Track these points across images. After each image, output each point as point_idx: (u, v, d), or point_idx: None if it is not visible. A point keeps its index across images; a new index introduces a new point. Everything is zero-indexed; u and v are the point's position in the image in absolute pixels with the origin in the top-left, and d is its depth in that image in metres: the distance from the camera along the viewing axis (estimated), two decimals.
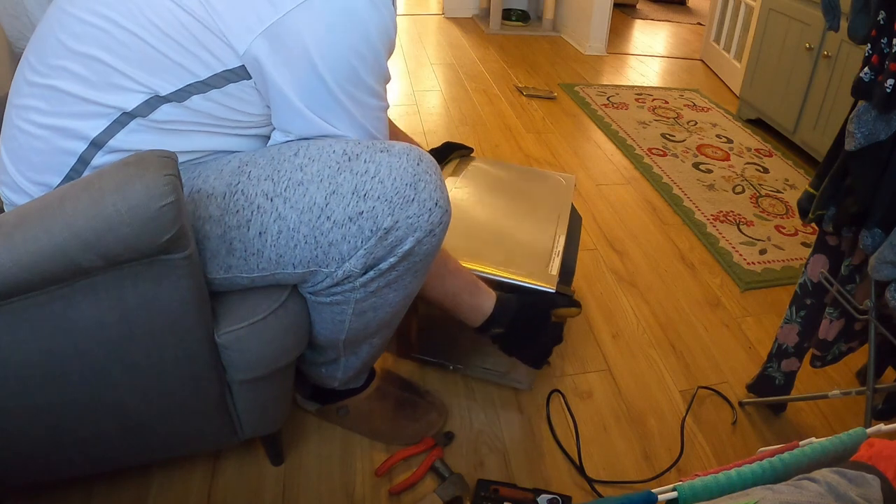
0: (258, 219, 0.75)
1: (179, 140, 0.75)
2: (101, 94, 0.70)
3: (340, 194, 0.75)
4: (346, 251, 0.77)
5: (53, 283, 0.64)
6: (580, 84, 3.06)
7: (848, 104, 0.95)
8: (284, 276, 0.80)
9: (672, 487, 0.59)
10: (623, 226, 1.86)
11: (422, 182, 0.77)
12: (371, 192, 0.75)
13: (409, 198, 0.76)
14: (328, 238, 0.76)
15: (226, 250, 0.77)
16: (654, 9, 4.90)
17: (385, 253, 0.78)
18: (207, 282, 0.78)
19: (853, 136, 0.88)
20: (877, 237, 0.89)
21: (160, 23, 0.68)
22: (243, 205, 0.75)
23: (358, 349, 0.97)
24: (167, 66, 0.70)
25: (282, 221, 0.75)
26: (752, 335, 1.45)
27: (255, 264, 0.78)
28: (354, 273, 0.79)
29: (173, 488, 1.02)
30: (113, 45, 0.69)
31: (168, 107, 0.72)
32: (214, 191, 0.76)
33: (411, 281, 0.86)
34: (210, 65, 0.71)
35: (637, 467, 1.11)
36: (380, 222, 0.76)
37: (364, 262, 0.78)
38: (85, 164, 0.72)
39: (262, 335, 0.82)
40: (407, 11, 4.45)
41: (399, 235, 0.77)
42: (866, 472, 0.54)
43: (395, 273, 0.82)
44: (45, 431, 0.79)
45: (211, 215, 0.75)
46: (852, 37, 0.89)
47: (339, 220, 0.75)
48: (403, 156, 0.77)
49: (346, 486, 1.04)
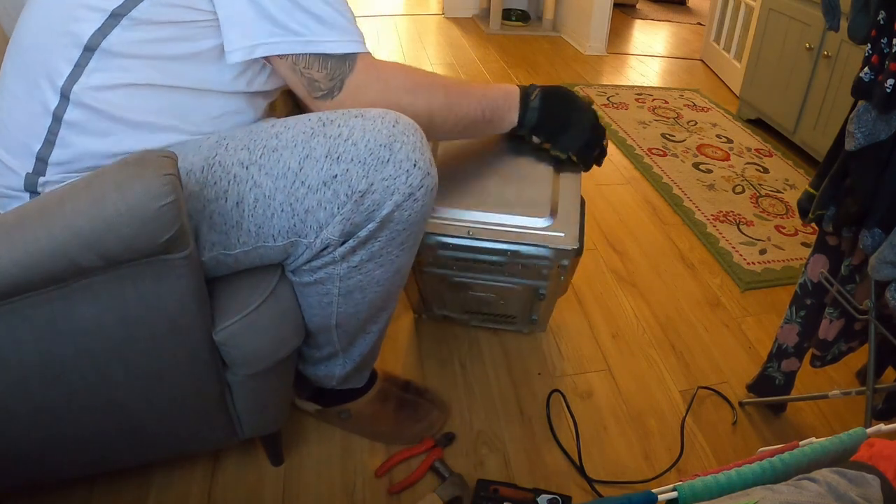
0: (234, 188, 0.74)
1: (143, 70, 0.74)
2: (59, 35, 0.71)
3: (314, 158, 0.74)
4: (322, 218, 0.75)
5: (53, 283, 0.64)
6: (580, 84, 3.06)
7: (848, 104, 0.95)
8: (267, 251, 0.79)
9: (672, 487, 0.59)
10: (623, 226, 1.86)
11: (397, 143, 0.74)
12: (344, 154, 0.74)
13: (383, 159, 0.74)
14: (304, 205, 0.75)
15: (207, 226, 0.75)
16: (654, 9, 4.90)
17: (363, 219, 0.76)
18: None
19: (853, 136, 0.88)
20: (877, 237, 0.89)
21: None
22: (220, 175, 0.74)
23: (354, 340, 0.96)
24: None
25: (258, 189, 0.74)
26: (752, 335, 1.45)
27: (236, 238, 0.76)
28: (333, 241, 0.77)
29: (173, 488, 1.02)
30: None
31: (118, 30, 0.71)
32: (193, 166, 0.75)
33: (398, 255, 0.84)
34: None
35: (637, 467, 1.11)
36: (354, 185, 0.74)
37: (342, 229, 0.76)
38: (59, 122, 0.73)
39: (257, 326, 0.81)
40: (407, 11, 4.45)
41: (376, 199, 0.75)
42: (866, 472, 0.54)
43: (377, 244, 0.80)
44: (45, 431, 0.79)
45: (191, 192, 0.74)
46: (852, 37, 0.89)
47: (313, 185, 0.74)
48: (378, 119, 0.75)
49: (346, 486, 1.04)
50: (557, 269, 1.04)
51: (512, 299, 1.19)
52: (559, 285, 1.12)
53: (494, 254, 1.02)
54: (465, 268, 1.09)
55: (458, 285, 1.15)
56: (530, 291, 1.14)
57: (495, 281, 1.12)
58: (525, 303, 1.19)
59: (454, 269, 1.10)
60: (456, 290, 1.17)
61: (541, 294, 1.13)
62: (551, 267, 1.03)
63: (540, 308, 1.21)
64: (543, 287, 1.11)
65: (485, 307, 1.24)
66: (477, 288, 1.15)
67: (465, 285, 1.15)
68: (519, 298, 1.18)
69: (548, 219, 1.00)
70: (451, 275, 1.12)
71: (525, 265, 1.04)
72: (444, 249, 1.03)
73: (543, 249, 0.99)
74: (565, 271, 1.05)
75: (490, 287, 1.14)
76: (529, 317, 1.23)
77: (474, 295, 1.18)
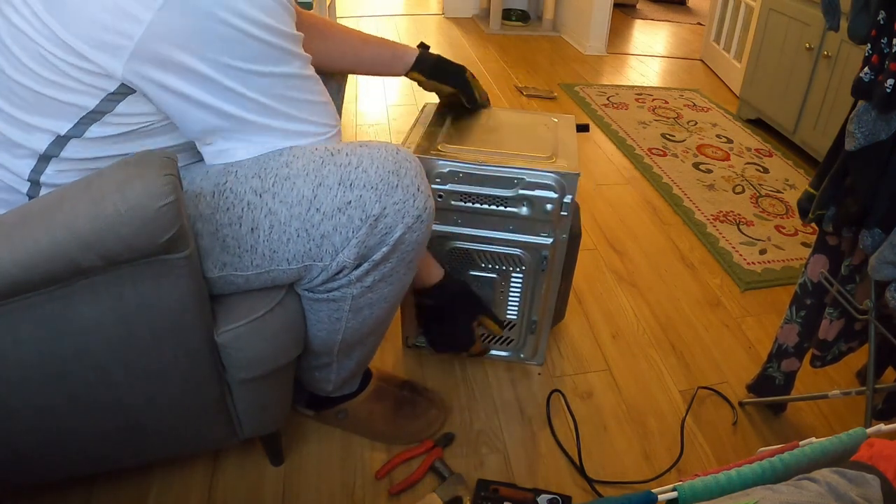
0: (249, 215, 0.76)
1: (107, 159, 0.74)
2: (20, 134, 0.70)
3: (327, 186, 0.76)
4: (338, 242, 0.78)
5: (53, 283, 0.64)
6: (580, 84, 3.06)
7: (848, 104, 0.95)
8: (279, 274, 0.81)
9: (672, 487, 0.59)
10: (623, 226, 1.86)
11: (403, 169, 0.79)
12: (356, 181, 0.76)
13: (393, 184, 0.77)
14: (319, 230, 0.77)
15: (219, 247, 0.77)
16: (654, 9, 4.90)
17: (376, 242, 0.79)
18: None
19: (853, 136, 0.88)
20: (877, 237, 0.89)
21: (37, 67, 0.66)
22: (233, 202, 0.76)
23: (351, 352, 0.97)
24: (58, 108, 0.69)
25: (273, 216, 0.76)
26: (752, 335, 1.45)
27: (250, 261, 0.78)
28: (348, 265, 0.80)
29: (173, 488, 1.02)
30: (7, 94, 0.69)
31: (72, 143, 0.72)
32: (203, 190, 0.76)
33: (405, 273, 0.87)
34: (94, 93, 0.68)
35: (637, 467, 1.11)
36: (368, 210, 0.77)
37: (357, 252, 0.79)
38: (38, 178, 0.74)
39: (262, 333, 0.82)
40: (407, 11, 4.45)
41: (388, 223, 0.78)
42: (866, 472, 0.54)
43: (388, 265, 0.83)
44: (45, 431, 0.79)
45: (202, 213, 0.76)
46: (852, 37, 0.89)
47: (328, 212, 0.76)
48: (381, 148, 0.79)
49: (346, 486, 1.04)
50: (561, 210, 1.08)
51: (513, 279, 1.19)
52: (560, 254, 1.14)
53: (502, 184, 1.07)
54: (469, 219, 1.12)
55: (459, 254, 1.17)
56: (533, 261, 1.15)
57: (499, 234, 1.14)
58: (526, 290, 1.20)
59: (458, 223, 1.13)
60: (456, 263, 1.19)
61: (543, 260, 1.14)
62: (556, 204, 1.07)
63: (539, 306, 1.20)
64: (546, 248, 1.13)
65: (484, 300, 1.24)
66: (478, 259, 1.17)
67: (465, 255, 1.17)
68: (520, 279, 1.19)
69: (550, 157, 1.09)
70: (453, 234, 1.14)
71: (530, 200, 1.08)
72: (453, 182, 1.07)
73: (549, 175, 1.05)
74: (567, 219, 1.10)
75: (492, 256, 1.16)
76: (530, 319, 1.23)
77: (474, 276, 1.19)
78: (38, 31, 0.64)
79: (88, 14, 0.62)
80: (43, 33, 0.64)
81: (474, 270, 1.19)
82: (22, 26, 0.65)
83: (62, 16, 0.63)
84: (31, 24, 0.64)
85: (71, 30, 0.63)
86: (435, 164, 1.06)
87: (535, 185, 1.06)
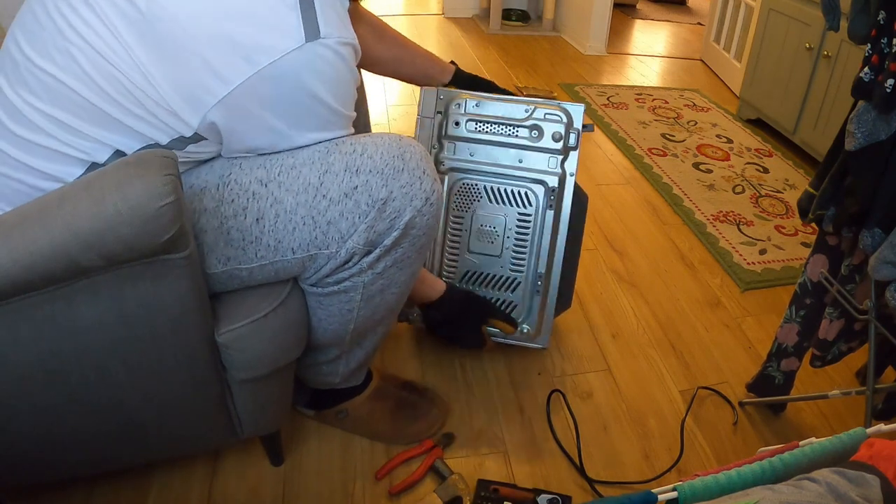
0: (254, 205, 0.77)
1: None
2: (71, 145, 0.70)
3: (333, 172, 0.77)
4: (345, 229, 0.78)
5: (53, 283, 0.63)
6: (580, 84, 3.06)
7: (848, 104, 0.95)
8: (283, 265, 0.81)
9: (672, 487, 0.59)
10: (623, 226, 1.86)
11: (407, 153, 0.80)
12: (362, 166, 0.77)
13: (398, 168, 0.78)
14: (326, 217, 0.77)
15: (224, 241, 0.77)
16: (654, 9, 4.90)
17: (386, 227, 0.80)
18: (206, 278, 0.78)
19: (853, 136, 0.88)
20: (877, 237, 0.89)
21: (106, 84, 0.67)
22: (238, 193, 0.77)
23: (363, 340, 0.97)
24: (124, 129, 0.70)
25: (279, 205, 0.77)
26: (752, 335, 1.45)
27: (254, 252, 0.78)
28: (358, 251, 0.80)
29: (173, 488, 1.02)
30: (70, 107, 0.69)
31: None
32: (207, 184, 0.77)
33: (416, 258, 0.88)
34: (168, 132, 0.72)
35: (637, 467, 1.12)
36: (375, 194, 0.78)
37: (366, 238, 0.79)
38: None
39: (263, 333, 0.82)
40: (407, 11, 4.45)
41: (396, 206, 0.79)
42: (866, 472, 0.54)
43: (400, 250, 0.84)
44: (45, 431, 0.79)
45: (206, 208, 0.76)
46: (852, 37, 0.89)
47: (335, 198, 0.77)
48: (384, 135, 0.82)
49: (345, 486, 1.04)
50: (568, 140, 1.17)
51: (519, 220, 1.21)
52: (568, 194, 1.19)
53: (515, 112, 1.18)
54: (481, 152, 1.19)
55: (469, 190, 1.21)
56: (541, 198, 1.19)
57: (508, 168, 1.20)
58: (534, 234, 1.20)
59: (471, 155, 1.20)
60: (465, 199, 1.22)
61: (551, 193, 1.18)
62: (564, 132, 1.17)
63: (546, 258, 1.21)
64: (554, 179, 1.18)
65: (486, 267, 1.24)
66: (487, 194, 1.21)
67: (474, 190, 1.21)
68: (527, 220, 1.21)
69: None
70: (464, 168, 1.20)
71: (540, 128, 1.18)
72: (471, 108, 1.18)
73: (557, 106, 1.18)
74: (575, 155, 1.18)
75: (501, 191, 1.20)
76: (536, 273, 1.21)
77: (478, 228, 1.22)
78: (119, 57, 0.66)
79: (187, 69, 0.67)
80: (126, 62, 0.66)
81: (482, 210, 1.22)
82: (94, 42, 0.66)
83: (161, 60, 0.66)
84: (112, 48, 0.66)
85: (163, 72, 0.67)
86: (455, 94, 1.18)
87: (545, 115, 1.17)
